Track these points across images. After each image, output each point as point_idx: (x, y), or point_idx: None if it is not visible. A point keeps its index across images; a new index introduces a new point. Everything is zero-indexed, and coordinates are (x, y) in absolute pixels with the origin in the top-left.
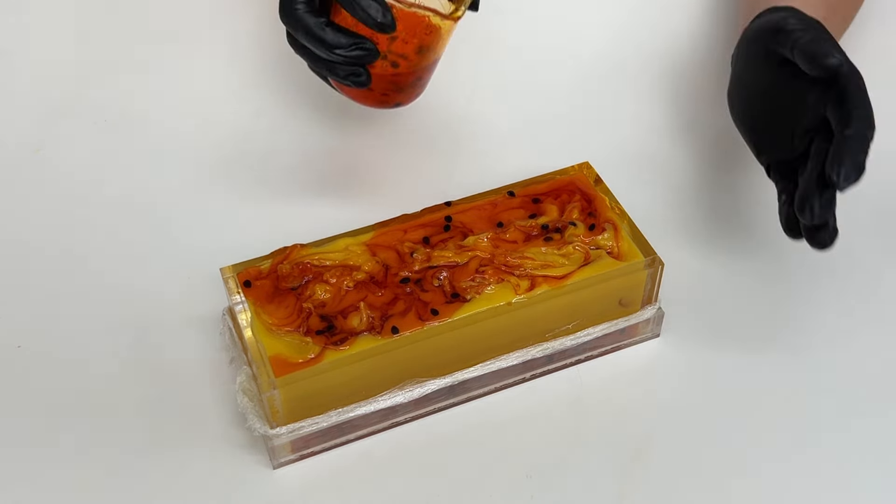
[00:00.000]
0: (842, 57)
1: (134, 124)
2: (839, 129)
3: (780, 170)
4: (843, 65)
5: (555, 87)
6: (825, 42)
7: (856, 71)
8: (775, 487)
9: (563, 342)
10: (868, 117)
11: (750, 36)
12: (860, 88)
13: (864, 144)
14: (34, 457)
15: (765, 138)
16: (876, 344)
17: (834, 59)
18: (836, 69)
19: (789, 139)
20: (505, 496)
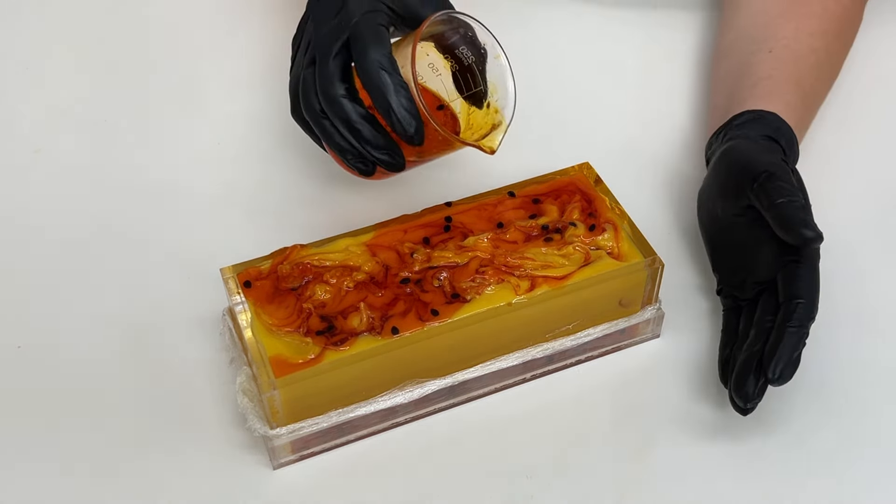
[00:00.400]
0: (817, 232)
1: (134, 124)
2: (783, 317)
3: (729, 297)
4: (817, 240)
5: (555, 87)
6: (802, 209)
7: (818, 249)
8: (776, 487)
9: (563, 343)
10: (810, 307)
11: (724, 165)
12: (814, 269)
13: (802, 338)
14: (34, 457)
15: (721, 264)
16: (876, 343)
17: (810, 232)
18: (809, 243)
19: (741, 282)
20: (505, 496)
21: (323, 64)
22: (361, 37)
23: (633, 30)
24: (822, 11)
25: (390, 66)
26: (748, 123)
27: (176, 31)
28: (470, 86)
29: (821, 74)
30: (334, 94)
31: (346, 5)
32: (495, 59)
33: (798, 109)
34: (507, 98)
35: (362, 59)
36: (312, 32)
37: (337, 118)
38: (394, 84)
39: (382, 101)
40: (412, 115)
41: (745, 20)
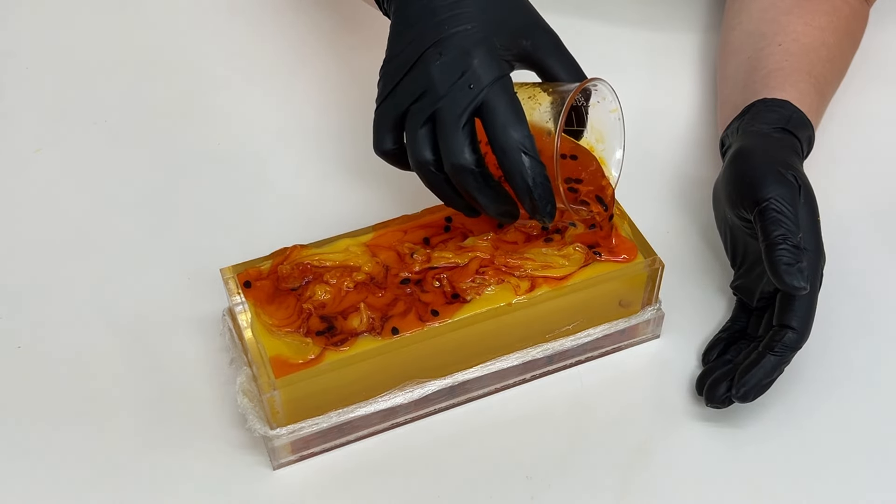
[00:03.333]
0: (803, 283)
1: (134, 124)
2: (768, 342)
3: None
4: (801, 290)
5: None
6: (794, 251)
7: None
8: (776, 487)
9: (563, 343)
10: (799, 337)
11: (733, 173)
12: (812, 297)
13: (781, 365)
14: (34, 457)
15: (735, 262)
16: (876, 343)
17: (797, 281)
18: (794, 292)
19: (750, 289)
20: (505, 497)
21: (451, 131)
22: (498, 111)
23: (634, 29)
24: (831, 9)
25: (531, 148)
26: (762, 114)
27: (176, 31)
28: (572, 122)
29: (832, 68)
30: (467, 167)
31: (472, 66)
32: (610, 112)
33: (811, 96)
34: (613, 150)
35: (502, 138)
36: (429, 85)
37: (462, 188)
38: (533, 167)
39: (522, 185)
40: (549, 199)
41: (753, 17)
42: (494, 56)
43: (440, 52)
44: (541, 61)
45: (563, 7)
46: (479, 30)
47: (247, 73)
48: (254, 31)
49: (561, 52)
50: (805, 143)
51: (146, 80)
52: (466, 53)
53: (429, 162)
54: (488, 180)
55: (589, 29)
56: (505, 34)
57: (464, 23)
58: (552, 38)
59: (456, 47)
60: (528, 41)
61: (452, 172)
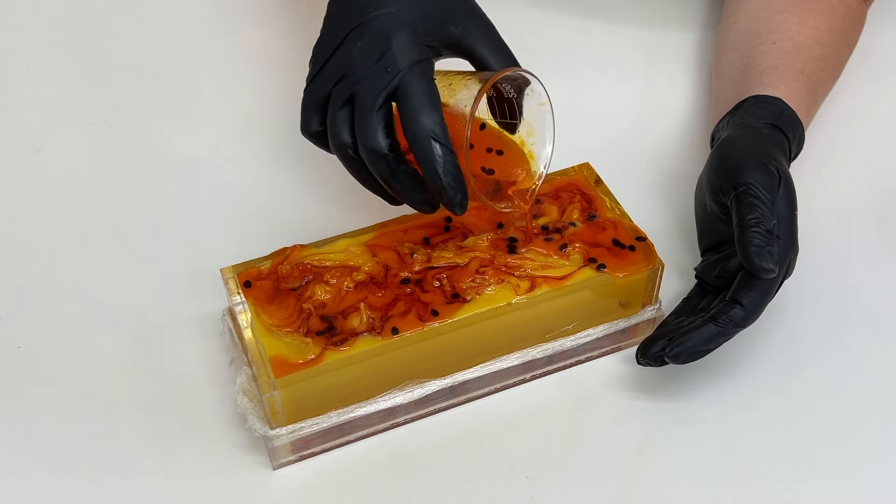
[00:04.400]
0: (772, 266)
1: (134, 124)
2: (714, 313)
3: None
4: (769, 273)
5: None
6: (767, 235)
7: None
8: (776, 488)
9: (563, 343)
10: (746, 316)
11: (716, 160)
12: (771, 284)
13: (719, 337)
14: (34, 457)
15: (702, 246)
16: (876, 343)
17: (766, 264)
18: (762, 275)
19: (710, 269)
20: (505, 497)
21: (366, 114)
22: (412, 96)
23: (634, 29)
24: (826, 8)
25: (442, 136)
26: (753, 109)
27: (176, 31)
28: (505, 115)
29: (826, 66)
30: (378, 151)
31: (391, 49)
32: (540, 105)
33: (803, 95)
34: (543, 146)
35: (414, 124)
36: (349, 66)
37: (377, 172)
38: (444, 156)
39: (431, 173)
40: (459, 188)
41: (748, 16)
42: (415, 40)
43: (362, 34)
44: (471, 49)
45: (562, 6)
46: (403, 13)
47: (247, 72)
48: (254, 30)
49: (493, 42)
50: (794, 141)
51: (146, 80)
52: (386, 36)
53: (347, 145)
54: (403, 166)
55: (587, 27)
56: (432, 19)
57: (388, 6)
58: (485, 27)
59: (377, 30)
60: (457, 28)
61: (366, 156)
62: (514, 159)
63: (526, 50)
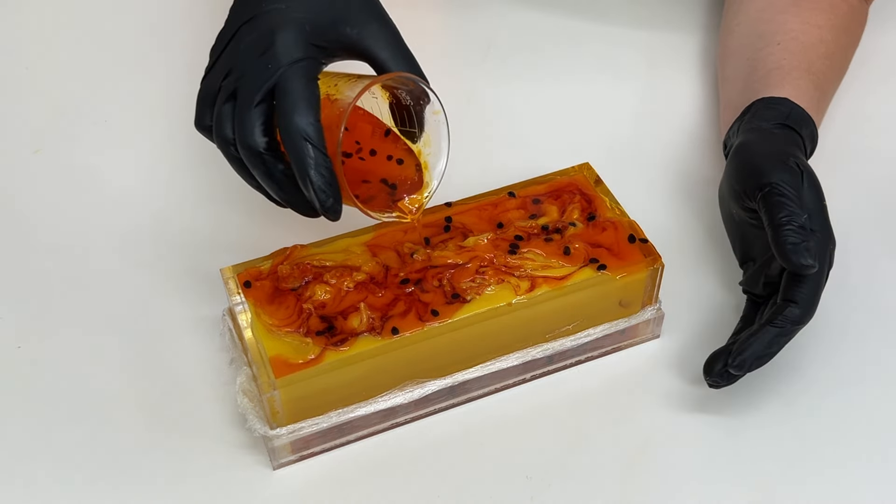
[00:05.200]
0: (811, 261)
1: (134, 124)
2: (770, 316)
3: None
4: (810, 268)
5: (555, 87)
6: (801, 231)
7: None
8: (776, 488)
9: (563, 343)
10: (803, 313)
11: (734, 166)
12: (819, 276)
13: (780, 338)
14: (34, 457)
15: (742, 259)
16: (875, 343)
17: (804, 259)
18: (802, 271)
19: (756, 279)
20: (505, 497)
21: (244, 109)
22: (288, 94)
23: (634, 28)
24: (828, 7)
25: (315, 136)
26: (761, 112)
27: (176, 31)
28: (405, 123)
29: (831, 64)
30: (254, 148)
31: (274, 45)
32: (434, 114)
33: (811, 93)
34: (438, 158)
35: (286, 123)
36: (236, 61)
37: (253, 170)
38: (316, 157)
39: (302, 173)
40: (330, 192)
41: (750, 18)
42: (300, 38)
43: (251, 29)
44: (369, 53)
45: (563, 8)
46: (293, 10)
47: None
48: None
49: (393, 46)
50: (807, 138)
51: (146, 80)
52: (271, 33)
53: (229, 141)
54: (279, 166)
55: (587, 29)
56: (324, 18)
57: (280, 2)
58: (386, 30)
59: (264, 26)
60: (353, 29)
61: (243, 153)
62: (412, 169)
63: (527, 51)
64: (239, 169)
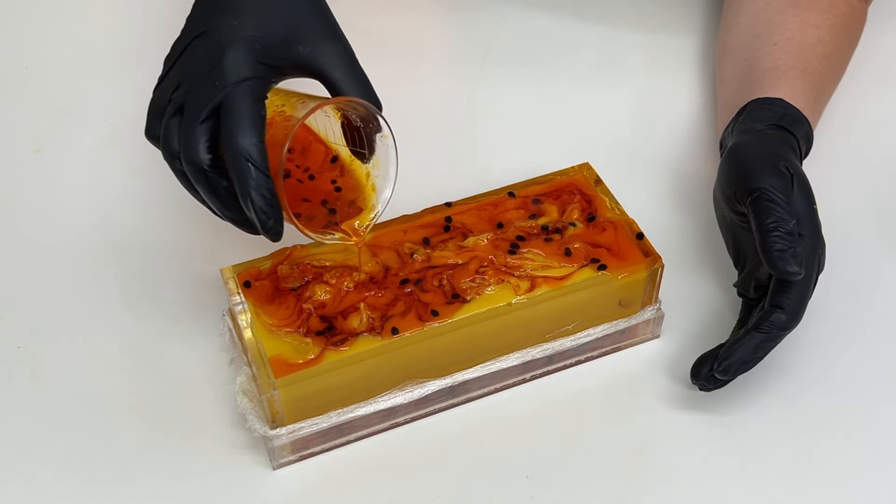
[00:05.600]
0: (797, 268)
1: (134, 124)
2: (756, 321)
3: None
4: (796, 275)
5: (555, 87)
6: (788, 237)
7: (810, 276)
8: (776, 487)
9: (563, 343)
10: (789, 319)
11: (726, 169)
12: (807, 282)
13: (766, 344)
14: (34, 457)
15: (736, 261)
16: (875, 343)
17: (790, 266)
18: (788, 277)
19: (748, 282)
20: (505, 497)
21: (189, 126)
22: (233, 113)
23: (634, 29)
24: (827, 7)
25: (258, 157)
26: (755, 112)
27: (176, 31)
28: (355, 143)
29: (829, 64)
30: (198, 165)
31: (222, 62)
32: (382, 138)
33: (807, 93)
34: (385, 181)
35: (230, 143)
36: (185, 76)
37: (197, 186)
38: (257, 178)
39: (243, 193)
40: (271, 213)
41: (749, 18)
42: (249, 56)
43: (201, 43)
44: (321, 72)
45: (563, 9)
46: (245, 28)
47: None
48: None
49: (347, 66)
50: (802, 139)
51: (146, 80)
52: (221, 49)
53: (175, 155)
54: (222, 183)
55: (588, 30)
56: (276, 37)
57: (233, 18)
58: (339, 49)
59: (215, 41)
60: (306, 48)
61: (187, 168)
62: (356, 193)
63: (527, 51)
64: (184, 182)
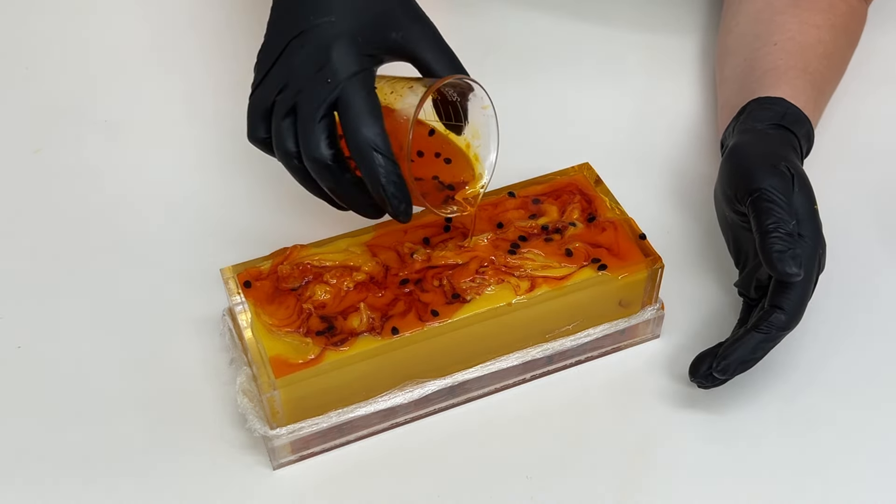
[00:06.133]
0: (797, 269)
1: (134, 124)
2: (755, 321)
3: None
4: (795, 276)
5: (555, 87)
6: (788, 238)
7: (810, 276)
8: (775, 487)
9: (563, 343)
10: (789, 319)
11: (727, 169)
12: (806, 282)
13: (765, 344)
14: (34, 457)
15: (737, 261)
16: (875, 343)
17: (789, 268)
18: (787, 279)
19: (748, 282)
20: (505, 497)
21: (308, 125)
22: (352, 108)
23: (634, 29)
24: (827, 7)
25: (384, 146)
26: (756, 112)
27: (177, 31)
28: (451, 117)
29: (829, 64)
30: (322, 161)
31: (330, 59)
32: (482, 109)
33: (808, 93)
34: (488, 150)
35: (355, 136)
36: (291, 76)
37: (321, 181)
38: (386, 166)
39: (375, 184)
40: (402, 198)
41: (749, 18)
42: (355, 50)
43: (302, 43)
44: (414, 54)
45: (563, 9)
46: (343, 22)
47: (248, 70)
48: (256, 31)
49: (436, 46)
50: (803, 138)
51: (146, 80)
52: (326, 47)
53: (292, 154)
54: (347, 175)
55: (588, 30)
56: (372, 27)
57: (327, 14)
58: (427, 31)
59: (317, 40)
60: (398, 33)
61: (310, 166)
62: (461, 164)
63: (527, 51)
64: (302, 179)
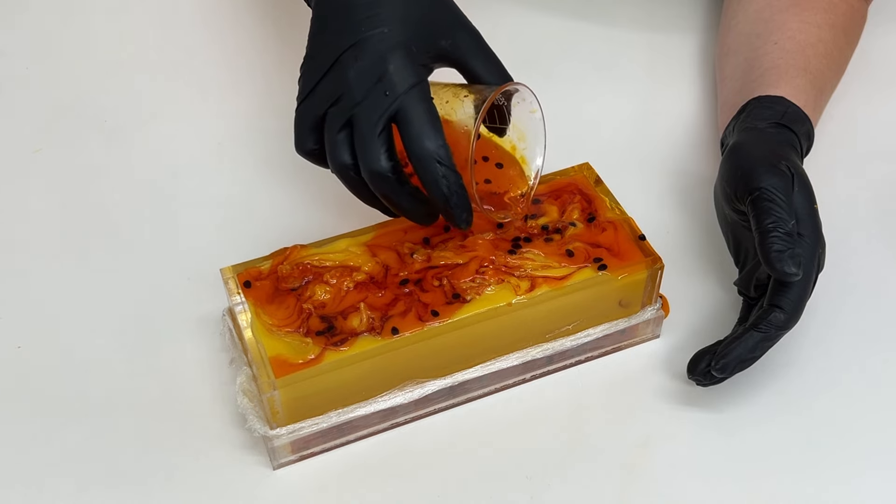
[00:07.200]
0: (795, 269)
1: (134, 124)
2: (754, 320)
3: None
4: (793, 276)
5: (555, 87)
6: (787, 237)
7: (809, 276)
8: (776, 487)
9: (563, 343)
10: (787, 318)
11: (727, 168)
12: (806, 281)
13: (764, 343)
14: (33, 457)
15: (736, 259)
16: (875, 343)
17: (788, 267)
18: (786, 279)
19: (748, 282)
20: (505, 497)
21: (368, 137)
22: (412, 120)
23: (634, 28)
24: (827, 6)
25: (446, 158)
26: (756, 111)
27: (176, 31)
28: (494, 119)
29: (829, 63)
30: (382, 174)
31: (387, 72)
32: (531, 113)
33: (808, 92)
34: (534, 153)
35: (417, 148)
36: (345, 89)
37: (379, 192)
38: (448, 177)
39: (439, 195)
40: (465, 207)
41: (749, 17)
42: (410, 61)
43: (356, 55)
44: (462, 61)
45: (563, 9)
46: (395, 33)
47: (247, 72)
48: (256, 31)
49: (483, 52)
50: (803, 137)
51: (146, 80)
52: (382, 59)
53: (348, 166)
54: (405, 186)
55: (588, 30)
56: (422, 36)
57: (380, 25)
58: (473, 38)
59: (372, 52)
60: (447, 41)
61: (369, 178)
62: (513, 168)
63: (527, 51)
64: (357, 190)
